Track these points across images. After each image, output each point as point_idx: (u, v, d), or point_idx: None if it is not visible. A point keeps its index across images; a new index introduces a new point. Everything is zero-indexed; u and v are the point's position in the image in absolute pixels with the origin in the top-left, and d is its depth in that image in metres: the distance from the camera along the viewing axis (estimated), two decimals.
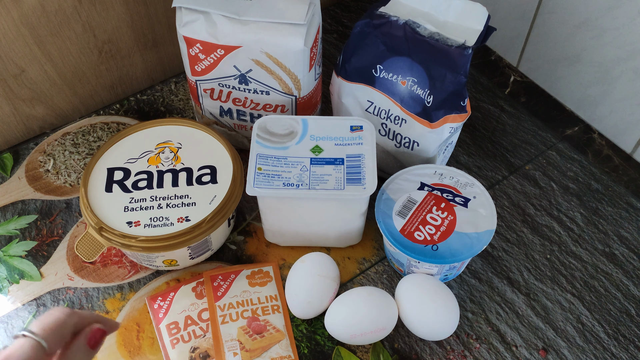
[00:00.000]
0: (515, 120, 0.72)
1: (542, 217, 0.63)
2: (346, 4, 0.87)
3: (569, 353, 0.53)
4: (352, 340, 0.52)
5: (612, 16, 0.63)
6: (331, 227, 0.56)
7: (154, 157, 0.59)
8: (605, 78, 0.68)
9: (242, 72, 0.57)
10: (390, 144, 0.60)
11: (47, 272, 0.59)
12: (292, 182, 0.51)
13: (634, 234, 0.61)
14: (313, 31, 0.55)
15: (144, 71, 0.75)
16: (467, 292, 0.57)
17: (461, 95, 0.53)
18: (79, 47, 0.67)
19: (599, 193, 0.65)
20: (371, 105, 0.59)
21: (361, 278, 0.58)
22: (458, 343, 0.54)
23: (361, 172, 0.52)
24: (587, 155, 0.69)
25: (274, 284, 0.57)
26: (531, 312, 0.56)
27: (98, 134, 0.70)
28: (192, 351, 0.52)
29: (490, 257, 0.60)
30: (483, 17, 0.53)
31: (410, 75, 0.54)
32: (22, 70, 0.65)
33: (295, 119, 0.56)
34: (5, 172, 0.67)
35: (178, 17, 0.55)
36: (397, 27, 0.53)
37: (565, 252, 0.60)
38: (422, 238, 0.52)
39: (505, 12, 0.76)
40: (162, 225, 0.53)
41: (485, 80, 0.77)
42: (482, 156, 0.68)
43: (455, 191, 0.55)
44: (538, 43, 0.74)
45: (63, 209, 0.63)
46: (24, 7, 0.60)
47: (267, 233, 0.59)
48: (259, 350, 0.52)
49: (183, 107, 0.73)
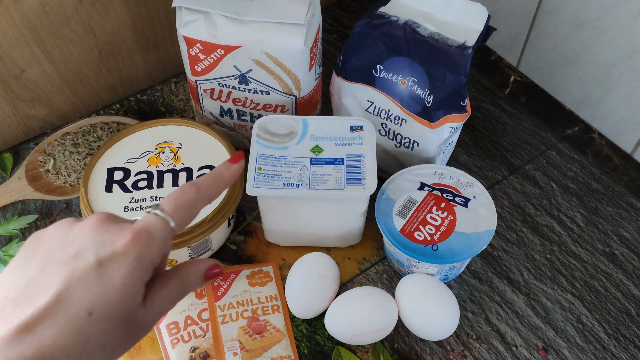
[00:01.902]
0: (515, 120, 0.72)
1: (542, 217, 0.63)
2: (346, 4, 0.87)
3: (569, 353, 0.53)
4: (352, 340, 0.52)
5: (612, 16, 0.63)
6: (331, 227, 0.56)
7: (154, 157, 0.59)
8: (605, 78, 0.68)
9: (242, 72, 0.57)
10: (390, 144, 0.60)
11: None
12: (292, 182, 0.51)
13: (634, 234, 0.61)
14: (313, 31, 0.55)
15: (144, 71, 0.75)
16: (467, 292, 0.57)
17: (461, 95, 0.53)
18: (80, 47, 0.67)
19: (599, 193, 0.65)
20: (371, 105, 0.59)
21: (361, 278, 0.58)
22: (458, 343, 0.54)
23: (361, 172, 0.52)
24: (587, 155, 0.69)
25: (274, 284, 0.57)
26: (531, 312, 0.56)
27: (98, 134, 0.70)
28: (192, 351, 0.52)
29: (490, 257, 0.60)
30: (483, 17, 0.53)
31: (410, 75, 0.54)
32: (22, 70, 0.65)
33: (295, 119, 0.56)
34: (5, 172, 0.67)
35: (178, 17, 0.55)
36: (397, 27, 0.53)
37: (565, 252, 0.60)
38: (422, 238, 0.52)
39: (505, 12, 0.76)
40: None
41: (485, 80, 0.77)
42: (482, 156, 0.68)
43: (455, 191, 0.55)
44: (538, 43, 0.74)
45: (63, 209, 0.63)
46: (24, 7, 0.60)
47: (267, 233, 0.59)
48: (259, 350, 0.52)
49: (183, 107, 0.73)
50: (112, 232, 0.33)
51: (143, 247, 0.33)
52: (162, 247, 0.34)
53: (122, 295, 0.32)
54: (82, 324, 0.30)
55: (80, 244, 0.33)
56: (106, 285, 0.31)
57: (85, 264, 0.32)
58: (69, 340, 0.30)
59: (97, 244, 0.33)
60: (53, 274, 0.32)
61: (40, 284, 0.31)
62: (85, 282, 0.31)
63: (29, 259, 0.33)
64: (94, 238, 0.33)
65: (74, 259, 0.32)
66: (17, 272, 0.32)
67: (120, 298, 0.32)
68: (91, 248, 0.32)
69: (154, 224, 0.34)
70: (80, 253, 0.32)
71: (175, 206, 0.35)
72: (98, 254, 0.32)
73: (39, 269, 0.32)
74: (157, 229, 0.34)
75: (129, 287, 0.32)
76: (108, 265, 0.32)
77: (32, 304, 0.30)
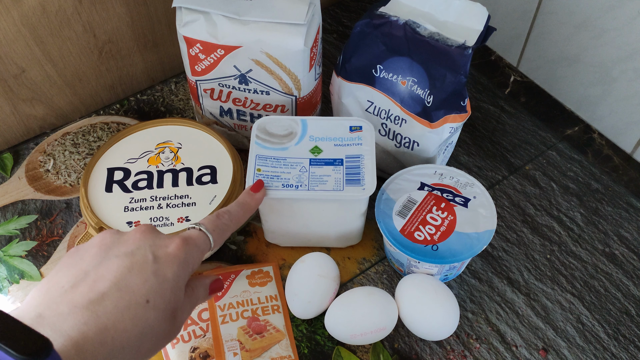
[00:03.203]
0: (515, 120, 0.72)
1: (542, 217, 0.63)
2: (346, 4, 0.87)
3: (569, 353, 0.53)
4: (352, 340, 0.52)
5: (612, 16, 0.63)
6: (331, 228, 0.56)
7: (154, 157, 0.59)
8: (605, 78, 0.68)
9: (242, 72, 0.57)
10: (390, 144, 0.60)
11: (47, 272, 0.59)
12: (291, 183, 0.51)
13: (634, 234, 0.61)
14: (313, 31, 0.55)
15: (144, 71, 0.75)
16: (467, 292, 0.57)
17: (461, 95, 0.53)
18: (79, 47, 0.67)
19: (599, 193, 0.65)
20: (371, 105, 0.59)
21: (361, 278, 0.58)
22: (458, 343, 0.54)
23: (360, 173, 0.52)
24: (587, 155, 0.69)
25: (274, 284, 0.57)
26: (531, 312, 0.56)
27: (98, 134, 0.70)
28: (192, 351, 0.52)
29: (490, 257, 0.60)
30: (483, 17, 0.53)
31: (410, 75, 0.54)
32: (22, 70, 0.65)
33: (294, 120, 0.56)
34: (5, 172, 0.67)
35: (178, 17, 0.55)
36: (397, 27, 0.53)
37: (565, 252, 0.60)
38: (422, 238, 0.52)
39: (505, 12, 0.76)
40: (162, 225, 0.53)
41: (485, 80, 0.77)
42: (482, 156, 0.68)
43: (455, 191, 0.55)
44: (538, 43, 0.74)
45: (63, 209, 0.63)
46: (24, 7, 0.60)
47: (267, 233, 0.59)
48: (259, 350, 0.52)
49: (183, 107, 0.73)
50: (162, 237, 0.38)
51: (189, 253, 0.38)
52: (200, 257, 0.39)
53: (173, 289, 0.36)
54: (140, 310, 0.33)
55: (135, 244, 0.36)
56: (161, 278, 0.35)
57: (142, 258, 0.35)
58: (127, 325, 0.33)
59: (152, 245, 0.37)
60: (111, 266, 0.35)
61: (99, 274, 0.34)
62: (143, 273, 0.35)
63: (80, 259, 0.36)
64: (147, 240, 0.37)
65: (132, 255, 0.36)
66: (71, 268, 0.35)
67: (172, 292, 0.35)
68: (147, 247, 0.36)
69: (198, 236, 0.40)
70: (135, 251, 0.36)
71: (214, 226, 0.42)
72: (154, 252, 0.36)
73: (96, 262, 0.35)
74: (200, 241, 0.40)
75: (178, 283, 0.36)
76: (162, 262, 0.36)
77: (93, 290, 0.33)
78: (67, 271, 0.35)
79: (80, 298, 0.32)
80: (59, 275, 0.34)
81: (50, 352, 0.27)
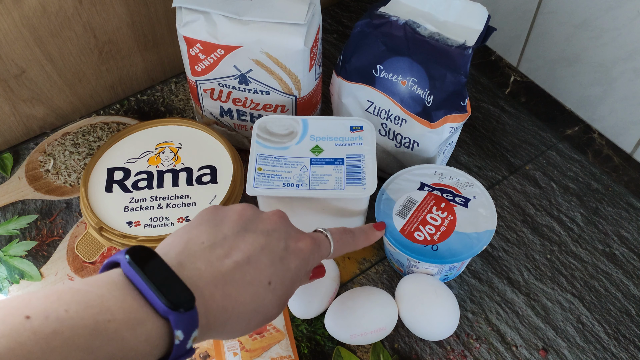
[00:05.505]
0: (515, 120, 0.72)
1: (542, 217, 0.63)
2: (346, 4, 0.87)
3: (569, 353, 0.53)
4: (352, 340, 0.52)
5: (612, 16, 0.63)
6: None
7: (154, 157, 0.59)
8: (605, 78, 0.68)
9: (242, 72, 0.57)
10: (390, 144, 0.60)
11: (47, 272, 0.59)
12: (292, 183, 0.51)
13: (634, 234, 0.61)
14: (313, 31, 0.55)
15: (144, 71, 0.75)
16: (467, 292, 0.57)
17: (461, 95, 0.53)
18: (80, 47, 0.67)
19: (599, 193, 0.65)
20: (371, 105, 0.59)
21: (361, 278, 0.58)
22: (458, 343, 0.54)
23: (361, 173, 0.52)
24: (587, 155, 0.69)
25: None
26: (531, 312, 0.56)
27: (98, 134, 0.70)
28: None
29: (490, 257, 0.60)
30: (483, 17, 0.53)
31: (410, 75, 0.54)
32: (22, 70, 0.65)
33: (295, 119, 0.56)
34: (5, 172, 0.67)
35: (178, 17, 0.55)
36: (397, 27, 0.53)
37: (565, 252, 0.60)
38: (422, 238, 0.52)
39: (505, 12, 0.76)
40: (162, 225, 0.53)
41: (485, 80, 0.77)
42: (482, 156, 0.68)
43: (455, 191, 0.55)
44: (538, 43, 0.74)
45: (63, 209, 0.63)
46: (24, 7, 0.60)
47: None
48: (259, 350, 0.52)
49: (183, 107, 0.73)
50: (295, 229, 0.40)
51: (313, 254, 0.40)
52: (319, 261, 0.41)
53: (292, 279, 0.37)
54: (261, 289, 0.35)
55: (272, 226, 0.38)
56: (285, 266, 0.37)
57: (276, 242, 0.37)
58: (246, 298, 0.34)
59: (287, 232, 0.39)
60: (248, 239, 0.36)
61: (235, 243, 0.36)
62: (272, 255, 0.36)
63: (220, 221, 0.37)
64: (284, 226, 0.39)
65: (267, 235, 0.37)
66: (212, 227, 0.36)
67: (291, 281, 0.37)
68: (283, 233, 0.38)
69: (323, 241, 0.42)
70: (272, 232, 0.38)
71: (338, 238, 0.43)
72: (287, 240, 0.38)
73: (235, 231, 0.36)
74: (324, 247, 0.41)
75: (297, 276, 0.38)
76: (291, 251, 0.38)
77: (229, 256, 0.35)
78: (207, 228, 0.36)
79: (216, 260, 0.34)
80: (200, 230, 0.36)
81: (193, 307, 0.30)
